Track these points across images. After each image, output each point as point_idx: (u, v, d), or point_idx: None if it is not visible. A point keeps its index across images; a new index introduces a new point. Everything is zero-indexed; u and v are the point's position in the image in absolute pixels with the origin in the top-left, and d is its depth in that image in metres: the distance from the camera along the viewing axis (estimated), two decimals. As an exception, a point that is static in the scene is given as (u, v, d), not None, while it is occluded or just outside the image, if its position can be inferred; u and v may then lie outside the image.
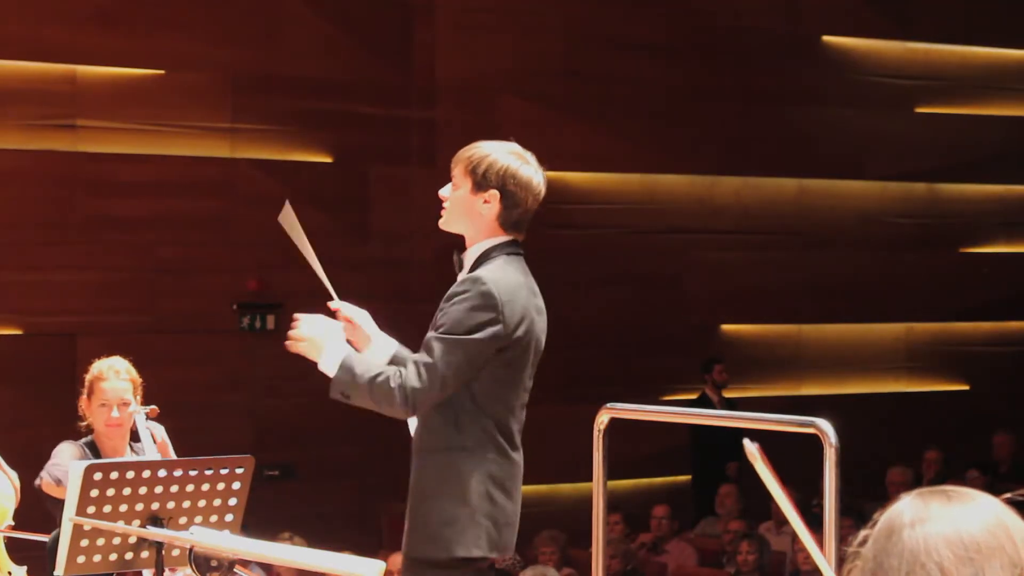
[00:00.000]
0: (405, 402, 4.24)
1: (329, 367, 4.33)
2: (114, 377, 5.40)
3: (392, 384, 4.23)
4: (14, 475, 5.55)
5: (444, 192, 4.50)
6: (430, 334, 4.32)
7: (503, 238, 4.46)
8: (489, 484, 4.37)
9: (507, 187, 4.43)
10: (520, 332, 4.35)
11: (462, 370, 4.27)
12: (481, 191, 4.42)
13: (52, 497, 5.11)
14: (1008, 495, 2.14)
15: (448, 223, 4.52)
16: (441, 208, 4.52)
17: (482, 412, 4.35)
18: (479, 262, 4.43)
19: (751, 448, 2.56)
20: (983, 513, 1.95)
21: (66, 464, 4.89)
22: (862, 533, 2.01)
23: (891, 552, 1.94)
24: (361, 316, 4.63)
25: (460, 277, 4.46)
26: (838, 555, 3.87)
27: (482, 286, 4.32)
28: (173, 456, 5.36)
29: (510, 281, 4.37)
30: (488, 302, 4.30)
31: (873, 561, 1.95)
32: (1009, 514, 1.96)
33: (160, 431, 5.43)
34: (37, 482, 5.22)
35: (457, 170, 4.46)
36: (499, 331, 4.30)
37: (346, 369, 4.30)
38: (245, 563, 4.29)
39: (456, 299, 4.33)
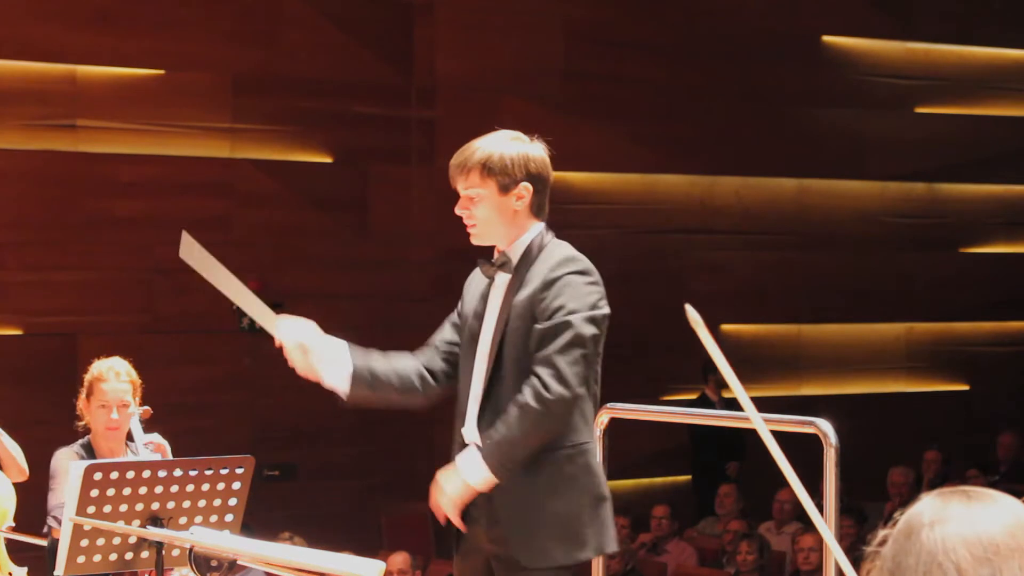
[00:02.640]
0: (558, 420, 4.12)
1: (484, 478, 4.11)
2: (114, 379, 5.39)
3: (531, 412, 4.05)
4: (15, 445, 5.54)
5: (465, 209, 4.29)
6: (555, 321, 4.15)
7: (539, 225, 4.37)
8: (603, 473, 4.34)
9: (531, 173, 4.38)
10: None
11: (593, 356, 4.26)
12: (510, 190, 4.31)
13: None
14: None
15: (485, 236, 4.32)
16: (467, 225, 4.31)
17: (591, 400, 4.32)
18: (527, 256, 4.32)
19: (692, 314, 2.52)
20: (1003, 514, 1.94)
21: None
22: (881, 533, 2.01)
23: (909, 552, 1.94)
24: (307, 335, 4.29)
25: (500, 276, 4.32)
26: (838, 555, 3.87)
27: (583, 263, 4.28)
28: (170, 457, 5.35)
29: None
30: (595, 279, 4.30)
31: (892, 561, 1.95)
32: None
33: (157, 438, 5.41)
34: (45, 530, 5.20)
35: (472, 177, 4.25)
36: (606, 309, 4.32)
37: (494, 462, 4.08)
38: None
39: (558, 283, 4.20)
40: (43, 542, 5.22)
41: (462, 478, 4.12)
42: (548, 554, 4.16)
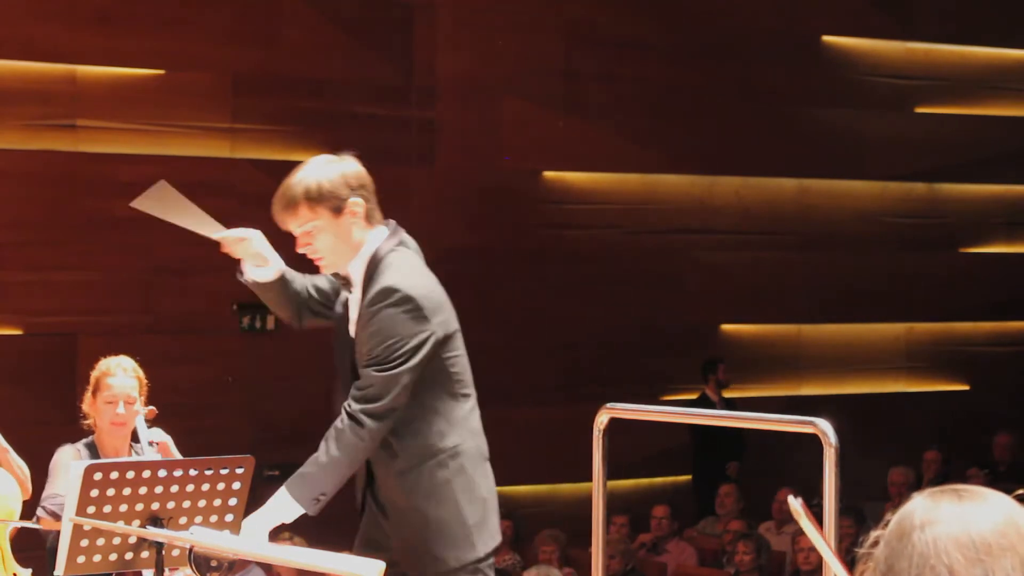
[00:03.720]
0: (367, 449, 4.28)
1: (294, 509, 4.27)
2: (122, 374, 5.42)
3: (341, 450, 4.23)
4: (22, 463, 5.55)
5: (307, 245, 4.38)
6: (364, 368, 4.27)
7: (377, 231, 4.42)
8: (486, 469, 4.48)
9: (355, 187, 4.40)
10: (449, 326, 4.38)
11: (404, 388, 4.28)
12: (342, 210, 4.35)
13: (52, 532, 5.11)
14: (1021, 491, 2.12)
15: (335, 263, 4.40)
16: (315, 260, 4.41)
17: (456, 400, 4.39)
18: (368, 273, 4.37)
19: (795, 505, 2.53)
20: (994, 512, 1.93)
21: (64, 494, 4.88)
22: (874, 534, 2.01)
23: (902, 554, 1.93)
24: (251, 233, 4.67)
25: (353, 294, 4.39)
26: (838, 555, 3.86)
27: (400, 293, 4.29)
28: (177, 456, 5.35)
29: (421, 277, 4.38)
30: (410, 307, 4.28)
31: (884, 563, 1.95)
32: (1021, 512, 1.95)
33: (160, 434, 5.42)
34: (35, 518, 5.22)
35: (302, 212, 4.37)
36: (429, 329, 4.31)
37: (310, 492, 4.25)
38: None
39: (373, 319, 4.27)
40: (34, 526, 5.22)
41: (274, 516, 4.27)
42: (440, 561, 4.33)
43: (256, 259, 4.57)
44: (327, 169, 4.37)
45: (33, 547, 5.55)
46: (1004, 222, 14.12)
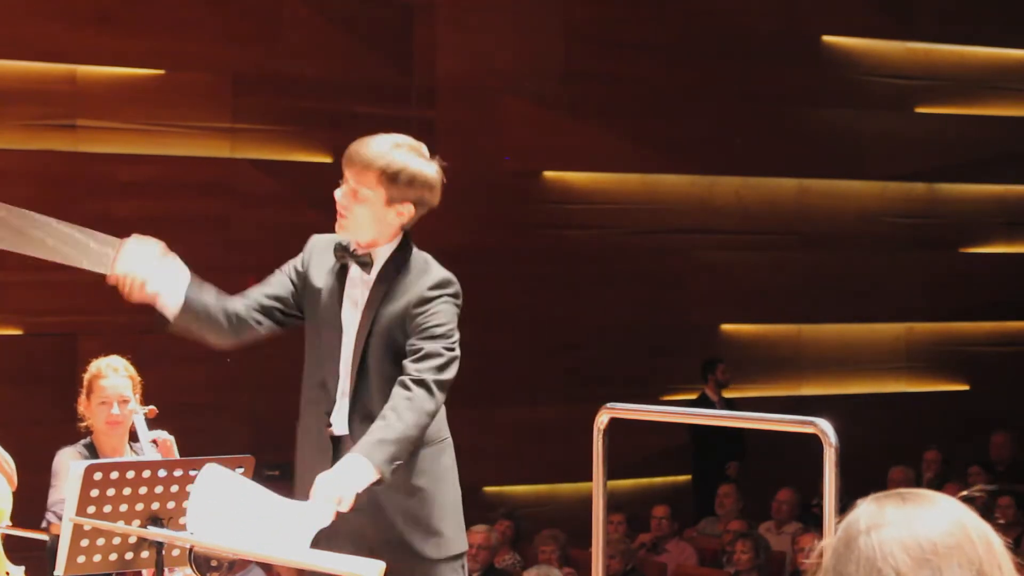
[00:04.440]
0: (433, 417, 4.24)
1: (371, 473, 4.10)
2: (113, 374, 5.41)
3: (417, 420, 4.17)
4: (6, 456, 5.55)
5: (344, 200, 4.41)
6: (432, 342, 4.27)
7: (402, 234, 4.49)
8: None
9: (422, 198, 4.39)
10: None
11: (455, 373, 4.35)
12: (394, 204, 4.37)
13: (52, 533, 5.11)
14: (965, 492, 2.12)
15: (353, 232, 4.43)
16: (339, 215, 4.44)
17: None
18: (391, 264, 4.43)
19: None
20: (939, 514, 1.93)
21: None
22: (819, 544, 2.01)
23: (848, 560, 1.93)
24: (142, 262, 4.50)
25: (357, 272, 4.41)
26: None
27: (456, 285, 4.42)
28: (177, 456, 5.35)
29: None
30: (460, 302, 4.43)
31: (832, 571, 1.94)
32: (967, 513, 1.94)
33: (163, 434, 5.41)
34: (44, 525, 5.22)
35: (367, 177, 4.35)
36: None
37: (385, 456, 4.10)
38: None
39: (436, 301, 4.35)
40: (43, 536, 5.22)
41: (349, 483, 4.07)
42: (450, 543, 4.36)
43: (159, 287, 4.46)
44: (416, 162, 4.34)
45: (27, 547, 5.54)
46: (1004, 222, 14.12)
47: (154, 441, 5.35)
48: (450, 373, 4.26)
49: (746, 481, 11.47)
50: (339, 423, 4.38)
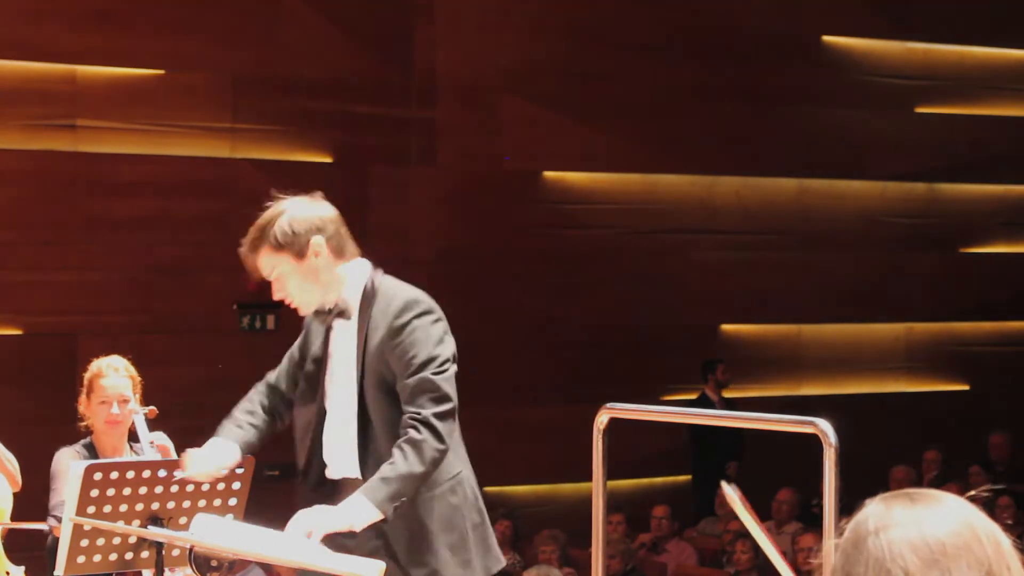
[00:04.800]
0: (444, 453, 4.23)
1: (372, 512, 4.17)
2: (113, 374, 5.41)
3: (422, 459, 4.18)
4: (11, 456, 5.55)
5: (279, 292, 4.42)
6: (417, 376, 4.25)
7: (355, 263, 4.48)
8: (479, 497, 4.49)
9: (315, 227, 4.40)
10: None
11: (455, 391, 4.31)
12: (305, 253, 4.37)
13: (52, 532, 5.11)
14: (972, 492, 2.11)
15: (310, 303, 4.43)
16: (290, 305, 4.44)
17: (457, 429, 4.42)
18: (365, 299, 4.40)
19: (729, 491, 2.55)
20: (948, 514, 1.93)
21: None
22: (829, 543, 2.01)
23: (857, 561, 1.93)
24: (201, 462, 4.50)
25: (345, 323, 4.41)
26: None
27: (424, 303, 4.34)
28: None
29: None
30: (438, 316, 4.35)
31: (841, 571, 1.94)
32: (975, 513, 1.94)
33: (162, 437, 5.41)
34: (47, 528, 5.22)
35: (267, 259, 4.39)
36: (452, 343, 4.37)
37: (387, 494, 4.16)
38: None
39: (405, 329, 4.29)
40: (42, 526, 5.22)
41: (345, 520, 4.16)
42: None
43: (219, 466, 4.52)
44: (287, 212, 4.39)
45: (28, 547, 5.55)
46: (1004, 222, 14.12)
47: (152, 443, 5.35)
48: (448, 402, 4.24)
49: (746, 481, 11.45)
50: (339, 469, 4.43)
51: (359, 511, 4.15)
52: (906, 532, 1.91)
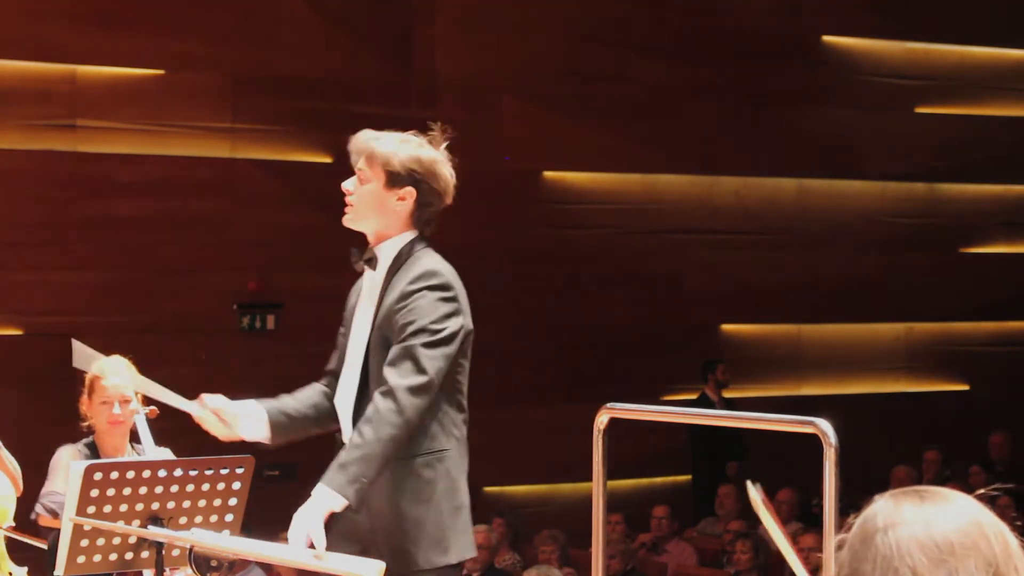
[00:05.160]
0: (408, 425, 4.15)
1: (335, 499, 4.14)
2: (114, 375, 5.41)
3: (379, 436, 4.11)
4: (14, 462, 5.55)
5: (350, 188, 4.43)
6: (404, 344, 4.18)
7: (412, 233, 4.42)
8: (465, 481, 4.40)
9: (421, 182, 4.36)
10: (470, 320, 4.36)
11: (443, 371, 4.23)
12: (394, 187, 4.35)
13: (50, 529, 5.12)
14: (982, 491, 2.11)
15: (355, 218, 4.43)
16: (346, 205, 4.46)
17: (453, 409, 4.34)
18: (396, 261, 4.37)
19: (753, 493, 2.54)
20: (956, 513, 1.92)
21: (63, 492, 4.88)
22: (837, 537, 2.00)
23: (865, 557, 1.92)
24: (219, 402, 4.49)
25: (370, 276, 4.40)
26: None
27: (442, 278, 4.28)
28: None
29: (455, 274, 4.36)
30: (450, 295, 4.27)
31: (848, 567, 1.94)
32: (984, 512, 1.94)
33: (168, 455, 5.41)
34: (33, 516, 5.23)
35: (366, 162, 4.37)
36: (462, 322, 4.29)
37: (346, 478, 4.12)
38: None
39: (413, 296, 4.24)
40: (43, 545, 5.22)
41: (320, 508, 4.13)
42: (410, 558, 4.24)
43: (244, 420, 4.45)
44: (417, 148, 4.38)
45: (30, 546, 5.54)
46: (1004, 222, 14.12)
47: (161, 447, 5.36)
48: (422, 375, 4.15)
49: (746, 481, 11.46)
50: (346, 429, 4.39)
51: (323, 501, 4.12)
52: (914, 530, 1.91)
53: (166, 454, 5.39)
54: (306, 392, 4.57)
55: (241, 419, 4.43)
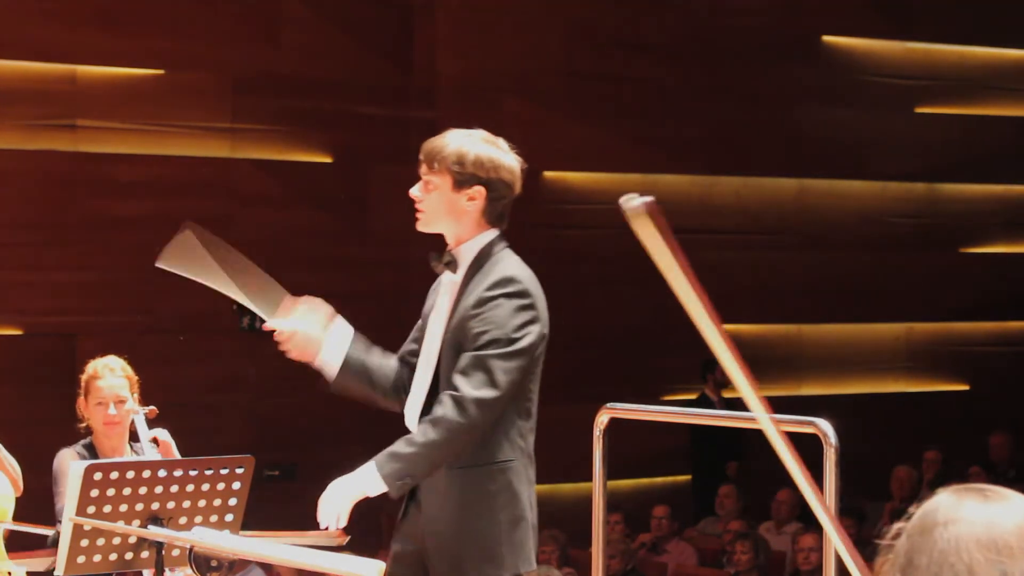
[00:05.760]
0: (470, 438, 4.11)
1: (377, 484, 4.13)
2: (109, 375, 5.40)
3: (439, 440, 4.08)
4: (14, 462, 5.55)
5: (418, 194, 4.38)
6: (477, 353, 4.14)
7: (491, 232, 4.41)
8: (532, 494, 4.33)
9: (490, 179, 4.34)
10: (547, 325, 4.32)
11: (516, 383, 4.18)
12: (463, 188, 4.32)
13: (52, 532, 5.11)
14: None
15: (428, 223, 4.38)
16: (416, 211, 4.39)
17: (520, 417, 4.29)
18: (475, 263, 4.34)
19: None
20: (1016, 514, 1.93)
21: None
22: (896, 526, 2.01)
23: (922, 550, 1.94)
24: (304, 321, 4.40)
25: (448, 277, 4.35)
26: (837, 555, 3.87)
27: (520, 285, 4.25)
28: (177, 456, 5.35)
29: (535, 280, 4.33)
30: (527, 303, 4.24)
31: (904, 557, 1.95)
32: None
33: (164, 434, 5.41)
34: (55, 535, 5.20)
35: (433, 165, 4.33)
36: (541, 330, 4.27)
37: (395, 470, 4.10)
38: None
39: (489, 304, 4.21)
40: (46, 531, 5.22)
41: (360, 487, 4.12)
42: (460, 569, 4.20)
43: (314, 350, 4.37)
44: (483, 147, 4.32)
45: (33, 547, 5.54)
46: (1004, 222, 14.12)
47: (154, 440, 5.34)
48: (494, 389, 4.10)
49: (746, 481, 11.47)
50: (410, 424, 4.33)
51: (367, 481, 4.11)
52: (974, 528, 1.92)
53: (164, 435, 5.37)
54: (392, 362, 4.47)
55: (321, 342, 4.36)
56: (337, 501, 4.14)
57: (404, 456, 4.10)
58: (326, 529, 4.15)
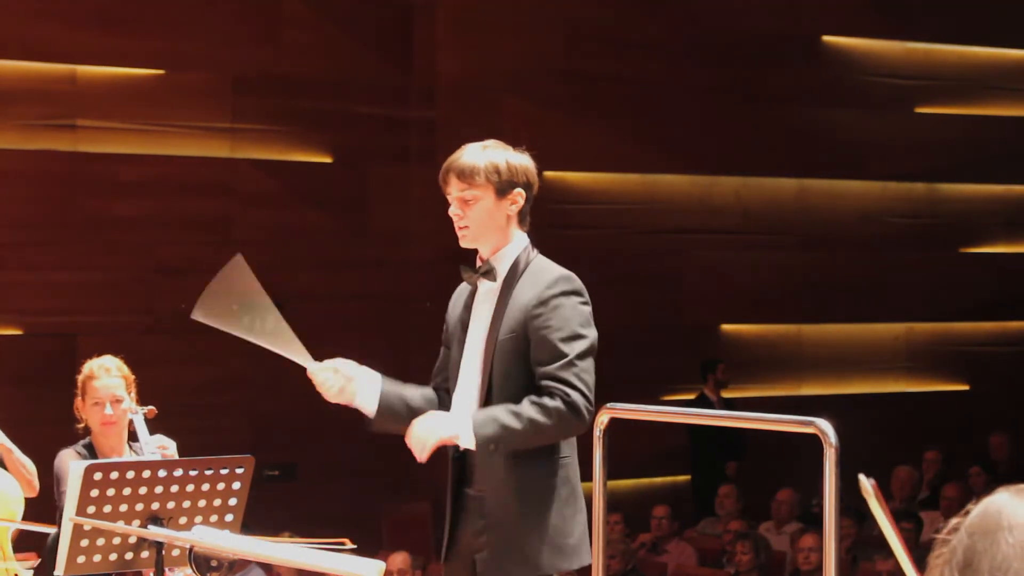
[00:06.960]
0: (562, 435, 4.23)
1: (468, 437, 4.17)
2: (105, 375, 5.39)
3: (560, 413, 4.16)
4: (28, 463, 5.55)
5: (458, 213, 4.35)
6: (561, 361, 4.22)
7: (522, 235, 4.45)
8: (581, 487, 4.40)
9: (528, 182, 4.39)
10: None
11: (593, 383, 4.30)
12: (506, 194, 4.34)
13: (52, 532, 5.11)
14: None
15: (476, 238, 4.38)
16: (458, 228, 4.37)
17: None
18: (514, 269, 4.40)
19: (865, 483, 2.51)
20: None
21: None
22: (953, 521, 1.99)
23: (984, 553, 1.92)
24: (340, 362, 4.45)
25: (485, 284, 4.39)
26: (838, 555, 3.87)
27: (576, 282, 4.40)
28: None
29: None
30: (586, 299, 4.42)
31: (963, 555, 1.93)
32: None
33: (171, 448, 5.40)
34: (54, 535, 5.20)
35: (475, 182, 4.30)
36: (594, 329, 4.41)
37: (489, 432, 4.14)
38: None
39: (552, 300, 4.30)
40: (50, 529, 5.22)
41: (454, 429, 4.19)
42: (532, 561, 4.25)
43: (353, 389, 4.41)
44: (510, 154, 4.35)
45: (34, 547, 5.55)
46: (1004, 222, 14.12)
47: (161, 448, 5.34)
48: (591, 392, 4.24)
49: (746, 481, 11.47)
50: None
51: (460, 429, 4.17)
52: None
53: (164, 441, 5.37)
54: (428, 392, 4.52)
55: (357, 382, 4.39)
56: (425, 435, 4.19)
57: (505, 425, 4.15)
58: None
